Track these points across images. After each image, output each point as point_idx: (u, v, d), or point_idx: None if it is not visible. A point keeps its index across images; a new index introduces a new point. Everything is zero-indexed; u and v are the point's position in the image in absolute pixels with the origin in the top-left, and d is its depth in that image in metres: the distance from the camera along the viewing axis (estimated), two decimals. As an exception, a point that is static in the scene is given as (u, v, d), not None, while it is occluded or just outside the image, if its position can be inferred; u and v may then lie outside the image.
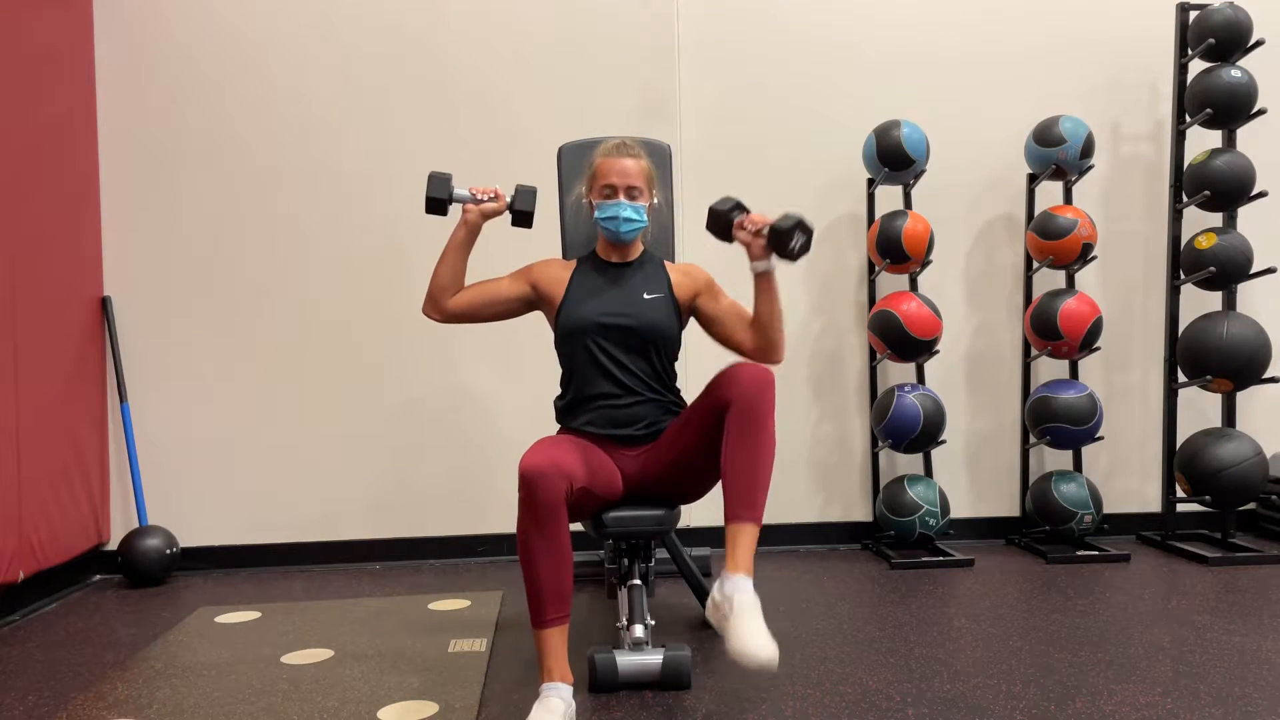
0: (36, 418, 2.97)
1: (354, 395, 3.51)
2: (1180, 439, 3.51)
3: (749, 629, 1.86)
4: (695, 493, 2.29)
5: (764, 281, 2.24)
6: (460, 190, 2.34)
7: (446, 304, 2.37)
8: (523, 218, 2.38)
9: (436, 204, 2.32)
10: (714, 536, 3.26)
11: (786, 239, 2.13)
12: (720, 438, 2.09)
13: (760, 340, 2.30)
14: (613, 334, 2.31)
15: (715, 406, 2.10)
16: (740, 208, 2.24)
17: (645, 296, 2.35)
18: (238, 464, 3.49)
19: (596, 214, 2.38)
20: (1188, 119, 3.45)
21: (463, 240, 2.36)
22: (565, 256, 2.67)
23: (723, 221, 2.24)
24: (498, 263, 3.22)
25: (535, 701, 1.96)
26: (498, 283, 2.42)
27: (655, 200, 2.46)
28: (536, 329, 3.44)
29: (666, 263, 2.47)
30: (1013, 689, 2.14)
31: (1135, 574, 3.14)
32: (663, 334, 2.33)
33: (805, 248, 2.14)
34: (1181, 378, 3.51)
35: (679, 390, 2.43)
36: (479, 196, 2.35)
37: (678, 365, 2.43)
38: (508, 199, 2.37)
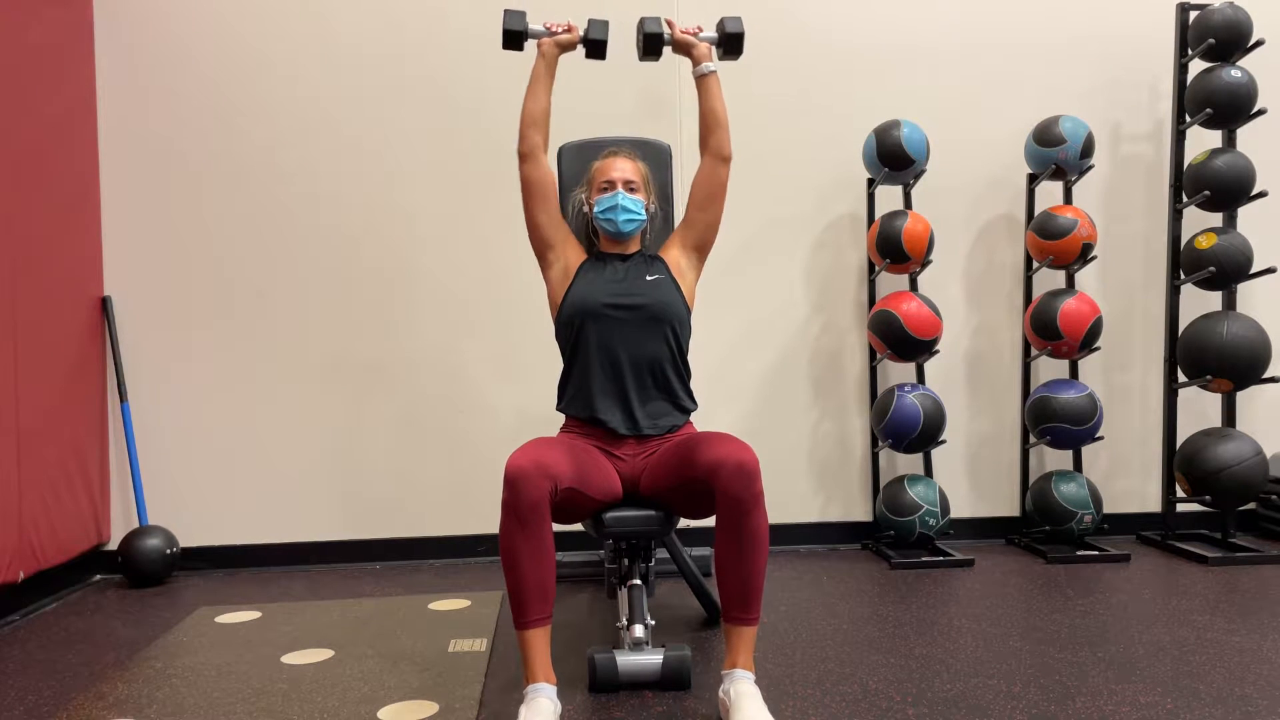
0: (36, 418, 2.97)
1: (354, 395, 3.51)
2: (1180, 439, 3.51)
3: (753, 717, 1.88)
4: (693, 516, 2.28)
5: (713, 81, 2.42)
6: (535, 26, 2.43)
7: (531, 147, 2.39)
8: (596, 46, 2.46)
9: (513, 36, 2.40)
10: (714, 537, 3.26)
11: (736, 30, 2.42)
12: (710, 498, 2.08)
13: (719, 134, 2.41)
14: (622, 314, 2.31)
15: (705, 478, 2.06)
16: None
17: (649, 279, 2.37)
18: (238, 464, 3.49)
19: (595, 209, 2.39)
20: (1188, 119, 3.45)
21: (542, 73, 2.42)
22: (566, 256, 2.66)
23: (655, 28, 2.41)
24: (505, 270, 3.22)
25: (521, 705, 1.97)
26: (554, 198, 2.44)
27: (653, 206, 2.47)
28: (537, 329, 3.46)
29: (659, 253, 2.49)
30: (1013, 689, 2.14)
31: (1135, 574, 3.14)
32: (672, 311, 2.34)
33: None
34: (1181, 378, 3.51)
35: (691, 389, 2.41)
36: (554, 30, 2.43)
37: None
38: (580, 32, 2.45)
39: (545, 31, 2.43)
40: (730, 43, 2.43)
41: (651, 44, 2.42)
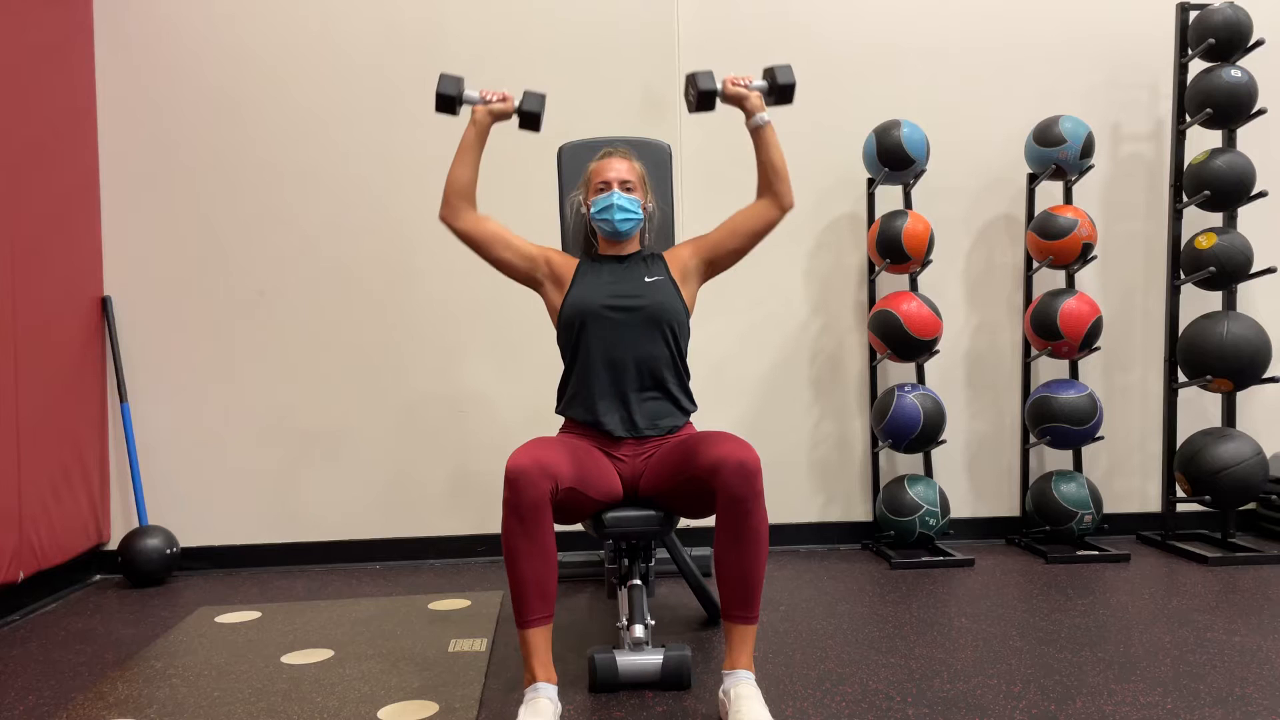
0: (36, 418, 2.97)
1: (354, 395, 3.51)
2: (1180, 439, 3.51)
3: (754, 717, 1.88)
4: (693, 516, 2.28)
5: (769, 131, 2.36)
6: (470, 92, 2.39)
7: (462, 213, 2.38)
8: (530, 119, 2.42)
9: (446, 101, 2.36)
10: (714, 537, 3.26)
11: (788, 80, 2.35)
12: (710, 497, 2.08)
13: (779, 186, 2.37)
14: (621, 315, 2.31)
15: (706, 478, 2.06)
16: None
17: (647, 280, 2.36)
18: (238, 464, 3.49)
19: (592, 210, 2.39)
20: (1188, 119, 3.45)
21: (473, 140, 2.39)
22: (566, 256, 2.66)
23: (709, 85, 2.34)
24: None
25: (521, 705, 1.97)
26: (515, 235, 2.43)
27: (651, 205, 2.46)
28: (537, 329, 3.46)
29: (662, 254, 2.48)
30: (1013, 689, 2.14)
31: (1135, 574, 3.14)
32: (671, 312, 2.33)
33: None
34: (1181, 378, 3.51)
35: (690, 390, 2.42)
36: (488, 98, 2.40)
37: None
38: (516, 102, 2.41)
39: (480, 99, 2.39)
40: (783, 93, 2.37)
41: (705, 100, 2.37)
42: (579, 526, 3.26)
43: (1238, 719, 1.95)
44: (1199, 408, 3.69)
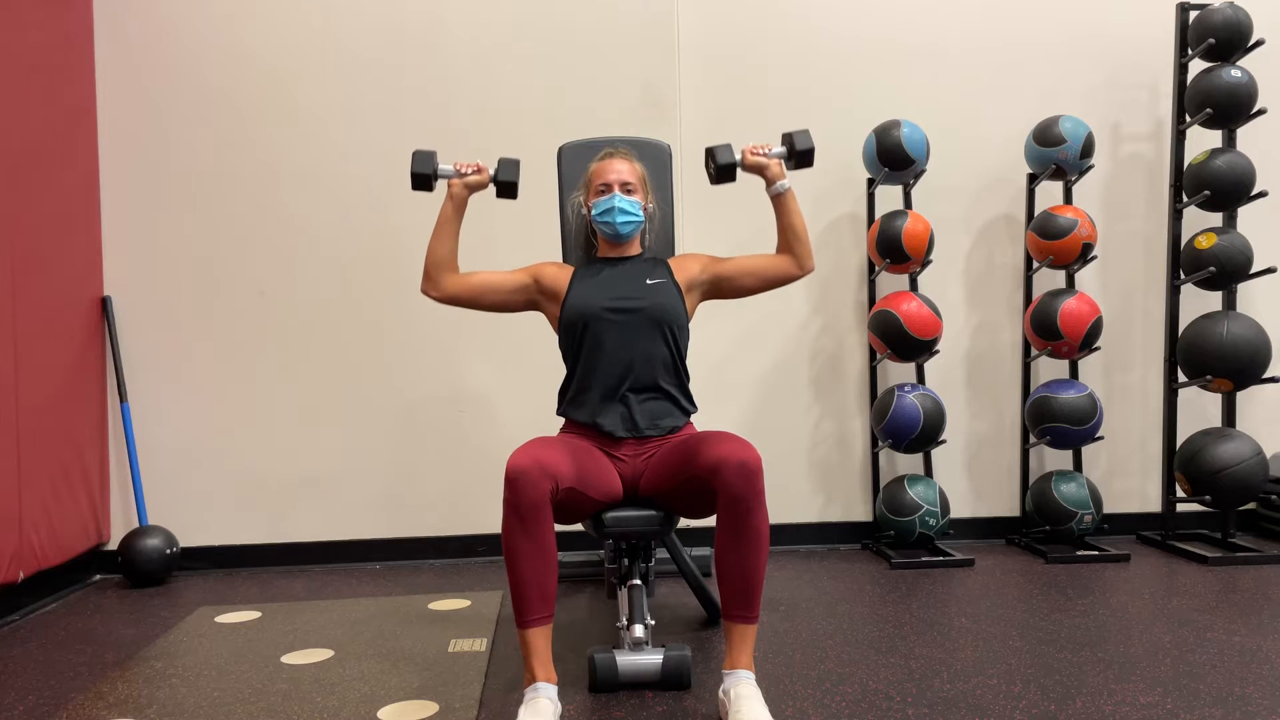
0: (36, 418, 2.97)
1: (354, 395, 3.51)
2: (1180, 439, 3.51)
3: (754, 718, 1.88)
4: (693, 516, 2.27)
5: (789, 197, 2.38)
6: (444, 166, 2.39)
7: (444, 282, 2.39)
8: (506, 188, 2.42)
9: (421, 179, 2.36)
10: (714, 537, 3.26)
11: (807, 145, 2.36)
12: (711, 497, 2.07)
13: (800, 250, 2.40)
14: (621, 317, 2.31)
15: (707, 478, 2.06)
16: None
17: (648, 282, 2.36)
18: (238, 464, 3.49)
19: (593, 212, 2.39)
20: (1188, 119, 3.45)
21: (451, 215, 2.39)
22: (565, 258, 2.66)
23: (728, 158, 2.37)
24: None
25: (521, 705, 1.97)
26: (499, 273, 2.44)
27: (651, 206, 2.47)
28: (537, 329, 3.46)
29: (666, 259, 2.49)
30: (1013, 689, 2.14)
31: (1135, 574, 3.14)
32: (672, 314, 2.34)
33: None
34: (1181, 378, 3.51)
35: (690, 392, 2.42)
36: (463, 170, 2.39)
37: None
38: (491, 172, 2.41)
39: (455, 172, 2.39)
40: (802, 158, 2.38)
41: (725, 173, 2.39)
42: (579, 526, 3.25)
43: (1238, 719, 1.95)
44: (1199, 408, 3.69)
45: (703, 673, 2.28)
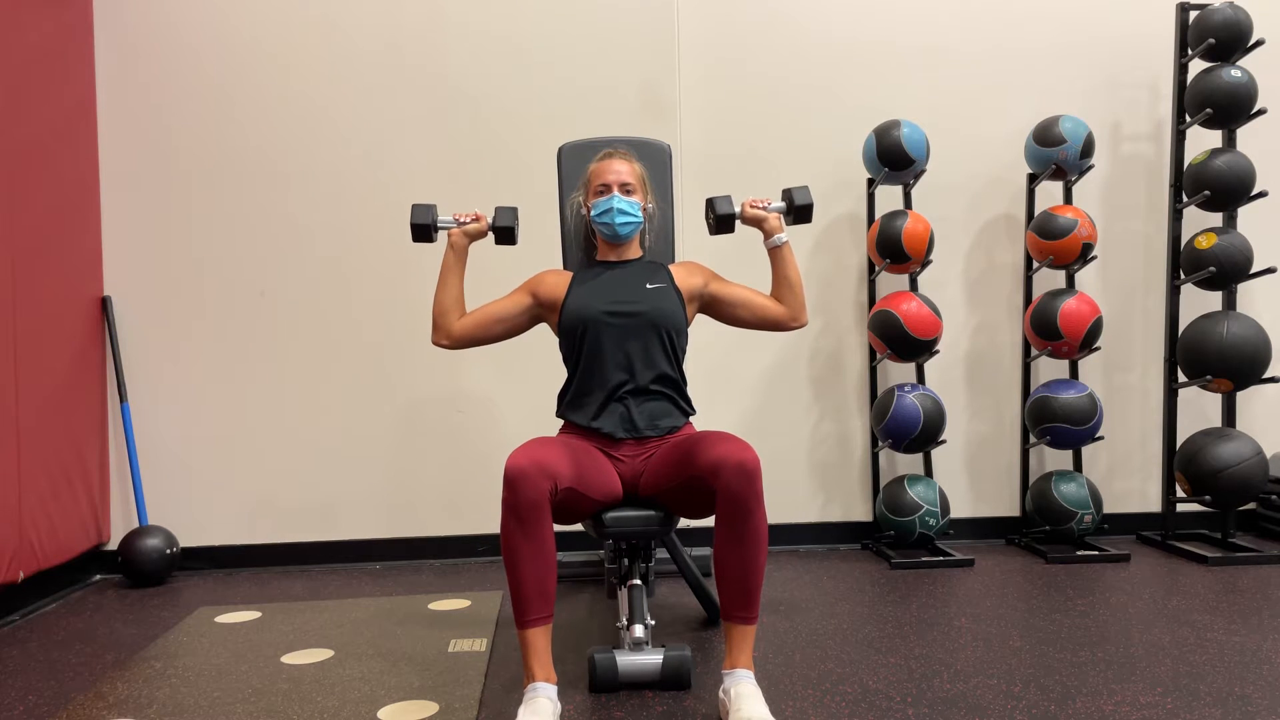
0: (36, 418, 2.97)
1: (354, 395, 3.51)
2: (1180, 439, 3.51)
3: (754, 717, 1.88)
4: (693, 516, 2.27)
5: (786, 250, 2.45)
6: (443, 217, 2.47)
7: (452, 327, 2.44)
8: (505, 234, 2.48)
9: (421, 230, 2.43)
10: (713, 537, 3.26)
11: (806, 201, 2.43)
12: (711, 497, 2.08)
13: (794, 303, 2.46)
14: (621, 320, 2.31)
15: (706, 478, 2.06)
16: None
17: (649, 286, 2.37)
18: (238, 464, 3.49)
19: (592, 213, 2.39)
20: (1188, 119, 3.45)
21: (453, 263, 2.44)
22: (565, 258, 2.67)
23: (727, 209, 2.44)
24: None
25: (521, 705, 1.97)
26: (499, 302, 2.46)
27: (651, 206, 2.47)
28: (536, 330, 3.45)
29: (667, 264, 2.49)
30: (1013, 689, 2.14)
31: (1135, 574, 3.14)
32: (671, 319, 2.34)
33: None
34: (1181, 378, 3.51)
35: (689, 396, 2.43)
36: (461, 220, 2.45)
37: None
38: (489, 219, 2.47)
39: (454, 222, 2.44)
40: (800, 213, 2.46)
41: (724, 224, 2.46)
42: (579, 526, 3.25)
43: (1238, 719, 1.95)
44: (1199, 408, 3.69)
45: (703, 673, 2.29)
